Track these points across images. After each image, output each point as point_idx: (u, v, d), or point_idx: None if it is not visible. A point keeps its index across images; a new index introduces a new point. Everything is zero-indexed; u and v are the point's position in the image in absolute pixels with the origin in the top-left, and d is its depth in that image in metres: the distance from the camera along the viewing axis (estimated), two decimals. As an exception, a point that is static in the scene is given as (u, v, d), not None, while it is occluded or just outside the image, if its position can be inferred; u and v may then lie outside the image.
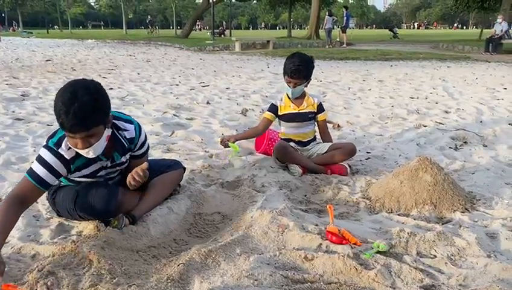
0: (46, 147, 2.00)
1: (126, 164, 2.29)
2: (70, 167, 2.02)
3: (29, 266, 1.80)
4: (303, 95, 3.25)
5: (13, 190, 1.98)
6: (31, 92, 6.48)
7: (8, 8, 59.54)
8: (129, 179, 2.12)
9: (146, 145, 2.34)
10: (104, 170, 2.18)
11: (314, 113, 3.26)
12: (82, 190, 2.13)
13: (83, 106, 1.78)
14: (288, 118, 3.25)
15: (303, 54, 3.19)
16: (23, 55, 13.94)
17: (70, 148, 1.97)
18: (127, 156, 2.25)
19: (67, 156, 1.98)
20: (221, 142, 3.26)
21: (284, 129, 3.32)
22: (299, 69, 3.07)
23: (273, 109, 3.27)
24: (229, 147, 3.20)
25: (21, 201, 1.91)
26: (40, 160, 1.97)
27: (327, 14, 20.68)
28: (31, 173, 1.95)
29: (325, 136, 3.37)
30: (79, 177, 2.12)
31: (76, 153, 1.98)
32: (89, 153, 1.93)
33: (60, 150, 1.97)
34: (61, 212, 2.21)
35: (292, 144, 3.23)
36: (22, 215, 2.26)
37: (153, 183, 2.40)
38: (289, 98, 3.22)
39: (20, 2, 55.69)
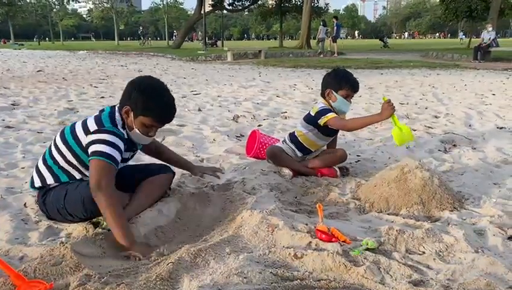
0: (106, 131, 2.09)
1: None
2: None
3: (17, 267, 1.78)
4: None
5: (102, 180, 1.99)
6: (22, 101, 6.46)
7: (-2, 21, 59.37)
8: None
9: None
10: (131, 159, 2.44)
11: None
12: (71, 186, 2.16)
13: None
14: (334, 131, 3.15)
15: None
16: (14, 66, 13.90)
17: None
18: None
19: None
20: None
21: (314, 139, 3.14)
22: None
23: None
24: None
25: (113, 184, 2.05)
26: (108, 143, 2.05)
27: (321, 24, 20.92)
28: (108, 157, 2.03)
29: None
30: None
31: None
32: (148, 140, 2.29)
33: (120, 128, 2.15)
34: (51, 213, 2.20)
35: (299, 153, 3.19)
36: (11, 219, 2.28)
37: (142, 185, 2.41)
38: (336, 112, 3.01)
39: (11, 14, 55.47)
